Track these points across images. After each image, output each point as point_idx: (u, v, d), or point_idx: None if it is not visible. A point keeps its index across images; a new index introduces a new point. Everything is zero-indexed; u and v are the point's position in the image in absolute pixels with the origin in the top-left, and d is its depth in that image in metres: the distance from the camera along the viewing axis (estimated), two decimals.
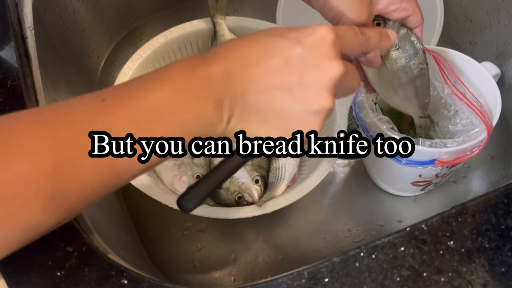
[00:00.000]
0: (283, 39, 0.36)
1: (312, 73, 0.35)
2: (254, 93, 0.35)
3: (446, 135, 0.67)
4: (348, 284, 0.40)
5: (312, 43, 0.35)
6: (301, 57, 0.35)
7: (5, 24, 0.58)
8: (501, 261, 0.41)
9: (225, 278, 0.66)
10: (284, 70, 0.35)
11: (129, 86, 0.33)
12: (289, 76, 0.35)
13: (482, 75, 0.62)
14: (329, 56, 0.35)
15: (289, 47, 0.35)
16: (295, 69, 0.35)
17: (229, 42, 0.37)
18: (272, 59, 0.35)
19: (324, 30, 0.36)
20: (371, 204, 0.72)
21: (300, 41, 0.35)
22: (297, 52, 0.35)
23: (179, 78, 0.33)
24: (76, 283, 0.40)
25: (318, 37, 0.36)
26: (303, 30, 0.36)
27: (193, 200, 0.38)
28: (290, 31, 0.36)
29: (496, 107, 0.59)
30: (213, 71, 0.34)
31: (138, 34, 0.87)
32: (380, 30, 0.44)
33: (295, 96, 0.35)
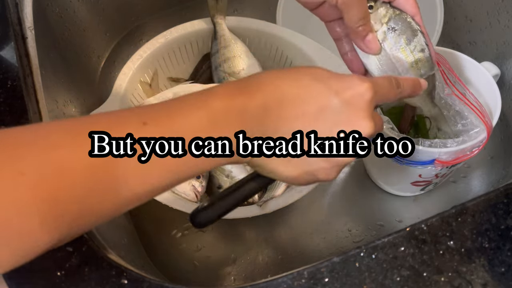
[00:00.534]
0: (323, 86, 0.36)
1: (343, 128, 0.37)
2: (284, 133, 0.36)
3: (446, 135, 0.67)
4: (348, 284, 0.40)
5: (350, 98, 0.36)
6: (336, 110, 0.36)
7: (5, 24, 0.58)
8: (501, 261, 0.41)
9: (225, 278, 0.66)
10: (317, 118, 0.36)
11: (169, 110, 0.34)
12: (320, 125, 0.36)
13: (482, 75, 0.62)
14: (363, 116, 0.37)
15: (328, 96, 0.36)
16: (328, 119, 0.36)
17: (268, 74, 0.37)
18: (309, 104, 0.36)
19: (363, 87, 0.37)
20: (371, 204, 0.72)
21: (338, 93, 0.36)
22: (334, 104, 0.36)
23: (216, 108, 0.34)
24: (76, 283, 0.40)
25: (356, 94, 0.37)
26: (344, 81, 0.37)
27: (206, 218, 0.39)
28: (331, 79, 0.37)
29: (496, 107, 0.59)
30: (250, 104, 0.35)
31: (138, 34, 0.87)
32: (413, 80, 0.45)
33: None
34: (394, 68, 0.51)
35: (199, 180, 0.62)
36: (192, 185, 0.61)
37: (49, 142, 0.29)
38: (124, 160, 0.30)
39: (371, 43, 0.48)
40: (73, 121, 0.32)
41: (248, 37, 0.74)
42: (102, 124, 0.31)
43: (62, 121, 0.32)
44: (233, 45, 0.71)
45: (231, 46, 0.71)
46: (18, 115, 0.51)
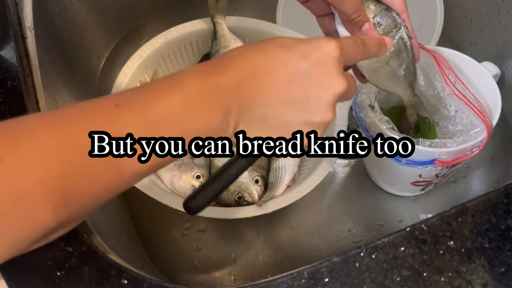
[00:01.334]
0: (290, 52, 0.37)
1: (317, 89, 0.37)
2: (261, 104, 0.36)
3: (446, 135, 0.67)
4: (348, 284, 0.40)
5: (318, 59, 0.37)
6: (307, 72, 0.37)
7: (5, 24, 0.58)
8: (501, 261, 0.40)
9: (225, 278, 0.66)
10: (290, 84, 0.36)
11: (142, 92, 0.34)
12: (295, 90, 0.37)
13: (482, 75, 0.62)
14: (334, 73, 0.37)
15: (296, 61, 0.37)
16: (301, 83, 0.37)
17: (238, 50, 0.38)
18: (280, 72, 0.36)
19: (330, 46, 0.37)
20: (371, 204, 0.72)
21: (306, 56, 0.37)
22: (303, 67, 0.37)
23: (189, 88, 0.34)
24: (76, 283, 0.40)
25: (324, 53, 0.37)
26: (310, 44, 0.37)
27: (199, 202, 0.39)
28: (297, 44, 0.37)
29: (496, 107, 0.59)
30: (223, 82, 0.35)
31: (138, 34, 0.87)
32: (379, 39, 0.45)
33: (299, 109, 0.37)
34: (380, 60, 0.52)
35: (199, 180, 0.62)
36: (192, 185, 0.61)
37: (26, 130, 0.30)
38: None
39: (369, 32, 0.48)
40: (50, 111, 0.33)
41: (248, 37, 0.74)
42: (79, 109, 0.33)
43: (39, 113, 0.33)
44: (233, 45, 0.71)
45: (231, 46, 0.71)
46: (18, 115, 0.50)
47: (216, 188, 0.40)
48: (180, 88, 0.34)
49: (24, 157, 0.29)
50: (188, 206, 0.39)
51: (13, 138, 0.29)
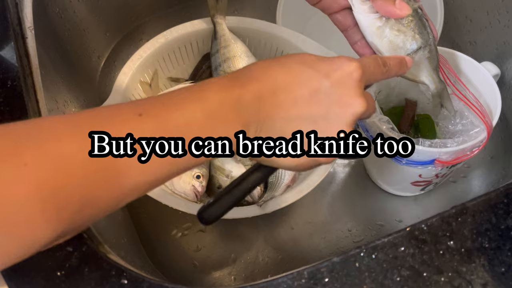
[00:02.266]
0: (313, 71, 0.37)
1: (337, 109, 0.37)
2: (281, 120, 0.37)
3: (446, 135, 0.67)
4: (348, 284, 0.40)
5: (340, 78, 0.37)
6: (328, 91, 0.37)
7: (5, 24, 0.58)
8: (501, 261, 0.41)
9: (225, 278, 0.66)
10: (311, 102, 0.37)
11: (165, 102, 0.34)
12: (315, 108, 0.37)
13: (482, 75, 0.62)
14: (354, 94, 0.38)
15: (318, 79, 0.37)
16: (322, 102, 0.37)
17: (260, 65, 0.38)
18: (301, 89, 0.37)
19: (351, 66, 0.38)
20: (371, 204, 0.72)
21: (328, 75, 0.37)
22: (325, 86, 0.37)
23: (211, 101, 0.34)
24: (76, 283, 0.40)
25: (345, 74, 0.38)
26: (332, 63, 0.38)
27: (214, 213, 0.39)
28: (319, 63, 0.38)
29: (496, 107, 0.59)
30: (244, 95, 0.35)
31: (138, 34, 0.87)
32: (399, 58, 0.46)
33: (318, 127, 0.37)
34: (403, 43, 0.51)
35: (199, 180, 0.62)
36: (192, 185, 0.61)
37: (51, 135, 0.29)
38: None
39: (402, 5, 0.48)
40: (74, 115, 0.32)
41: (248, 37, 0.74)
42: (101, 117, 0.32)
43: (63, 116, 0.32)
44: (233, 45, 0.71)
45: (231, 46, 0.71)
46: (18, 115, 0.51)
47: (232, 200, 0.40)
48: (201, 100, 0.34)
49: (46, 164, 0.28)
50: (203, 216, 0.39)
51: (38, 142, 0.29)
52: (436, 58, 0.54)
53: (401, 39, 0.50)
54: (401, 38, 0.50)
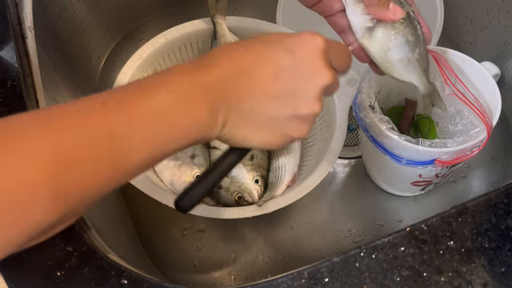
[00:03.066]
0: (276, 47, 0.37)
1: (303, 83, 0.37)
2: (248, 100, 0.37)
3: (446, 135, 0.67)
4: (348, 284, 0.40)
5: (304, 53, 0.37)
6: (293, 67, 0.37)
7: (5, 24, 0.58)
8: (501, 261, 0.41)
9: (225, 278, 0.66)
10: (276, 79, 0.37)
11: (130, 90, 0.34)
12: (281, 85, 0.37)
13: (482, 75, 0.62)
14: (319, 66, 0.38)
15: (281, 56, 0.37)
16: (287, 78, 0.37)
17: (223, 47, 0.38)
18: (265, 68, 0.37)
19: (315, 40, 0.38)
20: (371, 204, 0.72)
21: (292, 51, 0.37)
22: (289, 62, 0.37)
23: (179, 84, 0.34)
24: (76, 283, 0.40)
25: (309, 47, 0.37)
26: (295, 38, 0.38)
27: (190, 201, 0.39)
28: (282, 39, 0.38)
29: (496, 107, 0.59)
30: (209, 79, 0.35)
31: (138, 34, 0.87)
32: None
33: (286, 103, 0.37)
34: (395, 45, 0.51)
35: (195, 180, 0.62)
36: None
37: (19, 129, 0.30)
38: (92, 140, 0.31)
39: (396, 9, 0.48)
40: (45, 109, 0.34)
41: (248, 37, 0.73)
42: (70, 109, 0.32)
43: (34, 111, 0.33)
44: None
45: None
46: None
47: (207, 185, 0.40)
48: (168, 85, 0.34)
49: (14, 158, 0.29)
50: (179, 204, 0.39)
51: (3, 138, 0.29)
52: (427, 61, 0.54)
53: (392, 41, 0.51)
54: (391, 40, 0.51)
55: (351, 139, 0.77)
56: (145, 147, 0.33)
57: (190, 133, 0.35)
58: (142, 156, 0.33)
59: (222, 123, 0.36)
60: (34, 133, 0.30)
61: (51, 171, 0.29)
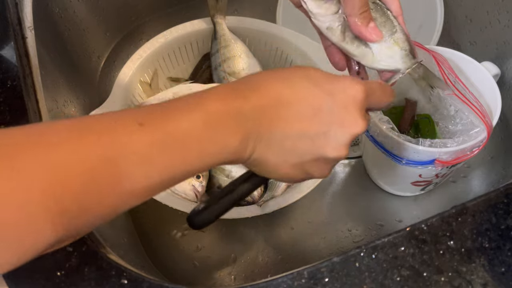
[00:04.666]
0: (317, 88, 0.38)
1: (337, 128, 0.38)
2: (281, 134, 0.37)
3: (446, 135, 0.67)
4: (348, 284, 0.40)
5: (343, 99, 0.38)
6: (330, 111, 0.38)
7: (5, 24, 0.58)
8: (501, 261, 0.41)
9: (225, 278, 0.66)
10: (313, 119, 0.37)
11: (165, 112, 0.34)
12: (316, 126, 0.37)
13: (482, 75, 0.62)
14: (355, 116, 0.38)
15: (321, 98, 0.37)
16: (323, 120, 0.37)
17: (264, 76, 0.38)
18: (304, 106, 0.37)
19: (355, 89, 0.38)
20: (371, 204, 0.72)
21: (332, 95, 0.38)
22: (327, 105, 0.37)
23: (212, 111, 0.34)
24: (76, 283, 0.40)
25: (349, 95, 0.38)
26: (336, 83, 0.38)
27: (204, 219, 0.39)
28: (324, 81, 0.38)
29: (496, 107, 0.59)
30: (246, 106, 0.35)
31: (138, 34, 0.87)
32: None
33: (317, 145, 0.38)
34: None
35: (199, 180, 0.62)
36: (192, 185, 0.61)
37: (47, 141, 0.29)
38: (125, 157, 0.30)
39: (375, 30, 0.48)
40: (72, 121, 0.32)
41: (248, 37, 0.74)
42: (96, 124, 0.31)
43: (61, 120, 0.32)
44: (233, 45, 0.71)
45: (231, 46, 0.71)
46: (18, 115, 0.51)
47: (223, 207, 0.40)
48: (201, 111, 0.34)
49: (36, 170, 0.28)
50: (193, 221, 0.39)
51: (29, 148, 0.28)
52: (407, 42, 0.51)
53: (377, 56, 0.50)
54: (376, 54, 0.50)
55: None
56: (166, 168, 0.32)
57: (216, 159, 0.35)
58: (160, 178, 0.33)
59: (251, 152, 0.36)
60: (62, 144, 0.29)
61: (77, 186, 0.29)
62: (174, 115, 0.33)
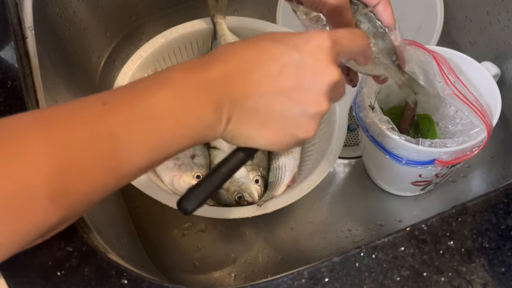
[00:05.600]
0: (281, 45, 0.37)
1: (309, 79, 0.37)
2: (253, 97, 0.36)
3: (446, 135, 0.67)
4: (348, 284, 0.40)
5: (310, 50, 0.37)
6: (298, 63, 0.36)
7: (5, 24, 0.58)
8: (501, 261, 0.41)
9: (225, 278, 0.66)
10: (282, 75, 0.36)
11: (130, 89, 0.34)
12: (287, 81, 0.36)
13: (482, 75, 0.62)
14: (326, 63, 0.37)
15: (287, 53, 0.36)
16: (293, 74, 0.36)
17: (227, 46, 0.38)
18: (271, 64, 0.36)
19: (321, 37, 0.37)
20: (371, 204, 0.72)
21: (297, 48, 0.37)
22: (295, 59, 0.36)
23: (179, 82, 0.34)
24: (76, 283, 0.40)
25: (315, 44, 0.37)
26: (300, 36, 0.37)
27: (193, 202, 0.38)
28: (288, 37, 0.37)
29: (496, 107, 0.59)
30: (212, 75, 0.35)
31: (138, 34, 0.87)
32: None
33: (293, 100, 0.37)
34: None
35: (199, 179, 0.62)
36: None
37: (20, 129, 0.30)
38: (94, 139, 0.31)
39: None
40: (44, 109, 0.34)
41: (248, 37, 0.74)
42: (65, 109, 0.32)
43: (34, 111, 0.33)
44: None
45: None
46: None
47: (211, 186, 0.39)
48: (170, 84, 0.34)
49: (12, 160, 0.28)
50: (181, 205, 0.38)
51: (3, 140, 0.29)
52: (392, 51, 0.52)
53: None
54: None
55: (351, 139, 0.77)
56: (145, 147, 0.33)
57: (192, 132, 0.34)
58: (143, 156, 0.33)
59: (226, 121, 0.36)
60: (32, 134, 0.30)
61: (50, 172, 0.29)
62: (140, 92, 0.33)
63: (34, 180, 0.29)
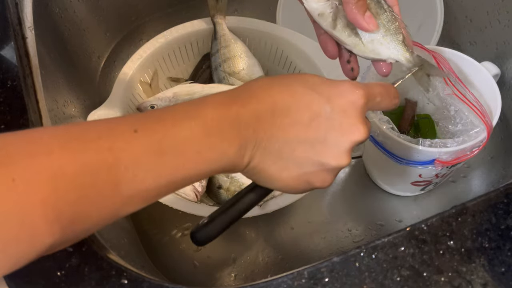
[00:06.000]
0: (315, 93, 0.37)
1: (336, 134, 0.37)
2: (279, 141, 0.36)
3: (446, 135, 0.67)
4: (348, 284, 0.40)
5: (342, 105, 0.37)
6: (329, 116, 0.37)
7: (5, 24, 0.58)
8: (501, 261, 0.41)
9: (225, 278, 0.66)
10: (311, 126, 0.37)
11: (162, 119, 0.33)
12: (315, 132, 0.37)
13: (482, 75, 0.62)
14: (355, 121, 0.37)
15: (319, 104, 0.37)
16: (322, 126, 0.37)
17: (261, 82, 0.37)
18: (302, 113, 0.36)
19: (355, 95, 0.37)
20: (371, 204, 0.72)
21: (330, 100, 0.37)
22: (326, 111, 0.37)
23: (210, 118, 0.34)
24: (76, 283, 0.40)
25: (348, 101, 0.37)
26: (335, 88, 0.37)
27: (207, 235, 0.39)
28: (322, 86, 0.37)
29: (496, 107, 0.59)
30: (244, 113, 0.35)
31: (138, 34, 0.87)
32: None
33: (316, 151, 0.37)
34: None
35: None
36: (192, 185, 0.61)
37: (41, 148, 0.29)
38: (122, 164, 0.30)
39: (371, 19, 0.47)
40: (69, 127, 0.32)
41: (248, 37, 0.74)
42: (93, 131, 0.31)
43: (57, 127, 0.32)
44: (233, 45, 0.71)
45: (231, 46, 0.71)
46: (18, 115, 0.51)
47: (226, 221, 0.40)
48: (199, 119, 0.34)
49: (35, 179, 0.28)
50: (196, 236, 0.39)
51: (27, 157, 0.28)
52: (399, 31, 0.50)
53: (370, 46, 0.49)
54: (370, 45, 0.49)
55: None
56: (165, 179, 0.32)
57: (213, 166, 0.34)
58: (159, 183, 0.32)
59: (248, 160, 0.36)
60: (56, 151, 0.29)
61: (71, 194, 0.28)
62: (171, 122, 0.33)
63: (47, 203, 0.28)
